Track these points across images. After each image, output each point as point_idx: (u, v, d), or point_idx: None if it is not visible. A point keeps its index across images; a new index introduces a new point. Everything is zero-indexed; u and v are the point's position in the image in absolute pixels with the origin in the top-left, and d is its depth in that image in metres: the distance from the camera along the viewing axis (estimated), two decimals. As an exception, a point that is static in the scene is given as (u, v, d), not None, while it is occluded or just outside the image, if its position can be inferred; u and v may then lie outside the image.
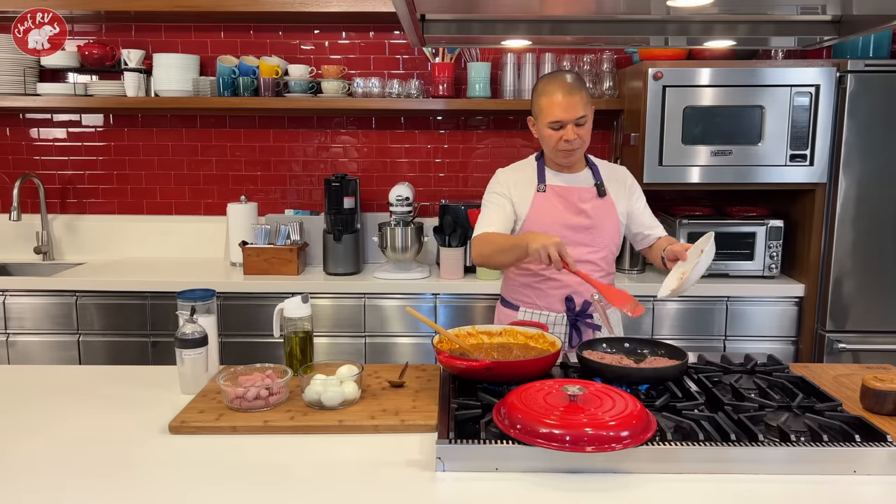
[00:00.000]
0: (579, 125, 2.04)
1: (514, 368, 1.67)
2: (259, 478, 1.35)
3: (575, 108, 2.01)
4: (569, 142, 2.04)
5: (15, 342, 3.05)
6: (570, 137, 2.03)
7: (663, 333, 3.02)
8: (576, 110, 2.02)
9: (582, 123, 2.05)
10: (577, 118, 2.03)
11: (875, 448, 1.35)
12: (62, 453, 1.45)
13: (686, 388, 1.65)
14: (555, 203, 2.14)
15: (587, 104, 2.05)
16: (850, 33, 1.77)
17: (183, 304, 1.81)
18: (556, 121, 2.03)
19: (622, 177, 2.22)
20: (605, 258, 2.17)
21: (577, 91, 2.03)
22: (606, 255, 2.17)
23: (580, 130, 2.05)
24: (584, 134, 2.06)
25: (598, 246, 2.14)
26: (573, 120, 2.02)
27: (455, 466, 1.35)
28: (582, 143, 2.07)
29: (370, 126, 3.52)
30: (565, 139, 2.04)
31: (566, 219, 2.12)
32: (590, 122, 2.08)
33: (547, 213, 2.14)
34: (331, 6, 3.11)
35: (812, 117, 2.89)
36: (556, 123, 2.04)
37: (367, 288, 3.03)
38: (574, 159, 2.12)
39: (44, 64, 3.34)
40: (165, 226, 3.56)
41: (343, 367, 1.71)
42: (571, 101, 2.01)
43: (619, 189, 2.18)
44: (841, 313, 2.95)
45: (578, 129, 2.04)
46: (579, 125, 2.04)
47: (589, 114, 2.07)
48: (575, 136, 2.03)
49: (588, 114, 2.06)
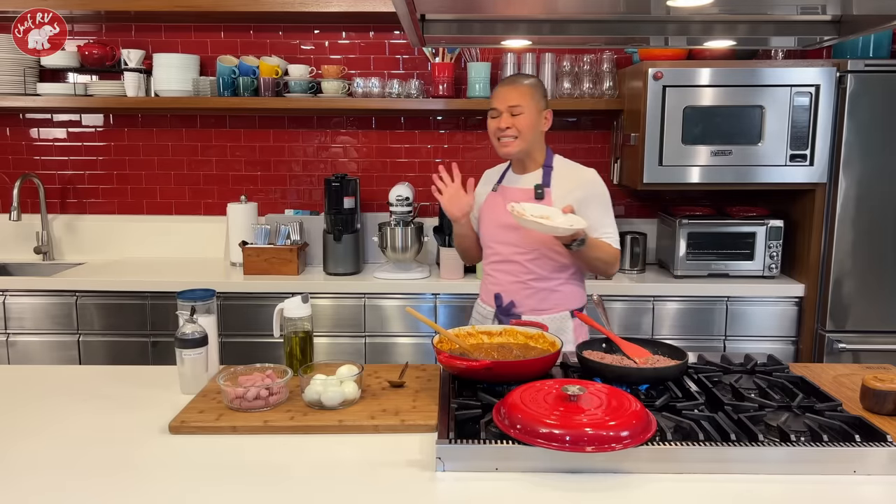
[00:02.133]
0: (515, 115, 2.09)
1: (514, 368, 1.67)
2: (259, 478, 1.35)
3: (510, 96, 2.09)
4: (501, 129, 2.10)
5: (15, 342, 3.05)
6: (501, 125, 2.10)
7: (663, 333, 3.02)
8: (510, 98, 2.09)
9: (517, 113, 2.09)
10: (511, 106, 2.08)
11: (875, 448, 1.35)
12: (62, 453, 1.45)
13: (686, 388, 1.65)
14: (498, 203, 2.20)
15: (530, 98, 2.09)
16: (850, 33, 1.77)
17: (183, 304, 1.81)
18: (492, 108, 2.13)
19: (581, 184, 2.15)
20: (534, 261, 2.14)
21: (518, 83, 2.11)
22: (538, 258, 2.14)
23: (515, 120, 2.09)
24: (519, 123, 2.09)
25: (526, 248, 2.14)
26: (506, 108, 2.09)
27: (455, 466, 1.35)
28: (518, 133, 2.10)
29: (370, 126, 3.52)
30: (498, 126, 2.11)
31: (500, 218, 2.17)
32: (530, 116, 2.10)
33: (489, 212, 2.23)
34: (331, 6, 3.11)
35: (812, 117, 2.89)
36: (494, 111, 2.12)
37: (367, 288, 3.03)
38: (511, 152, 2.14)
39: (44, 64, 3.34)
40: (165, 226, 3.56)
41: (343, 367, 1.71)
42: (509, 90, 2.10)
43: (570, 194, 2.11)
44: (841, 313, 2.95)
45: (513, 118, 2.09)
46: (515, 115, 2.09)
47: (528, 107, 2.09)
48: (507, 124, 2.09)
49: (526, 106, 2.09)
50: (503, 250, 2.18)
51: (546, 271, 2.15)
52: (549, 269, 2.15)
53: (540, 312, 2.16)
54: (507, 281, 2.18)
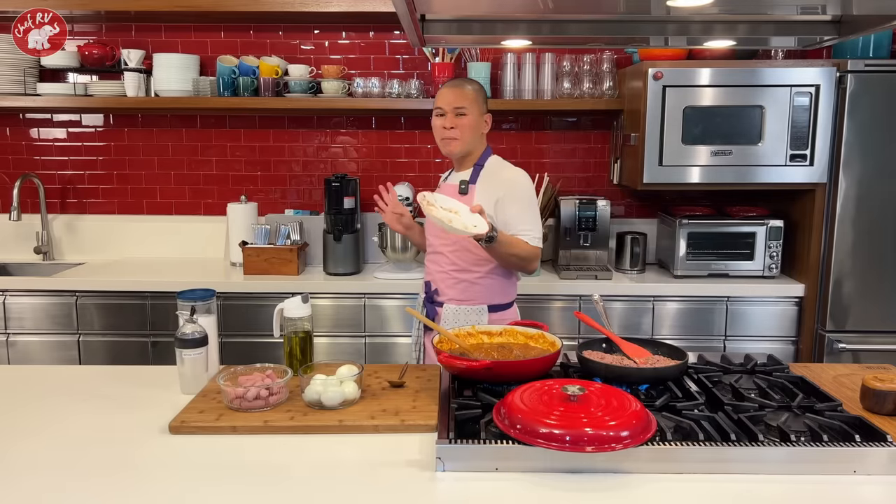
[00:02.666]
0: (458, 115, 2.21)
1: (514, 368, 1.67)
2: (259, 478, 1.35)
3: (454, 98, 2.22)
4: (446, 129, 2.23)
5: (15, 342, 3.05)
6: (445, 125, 2.23)
7: (663, 333, 3.02)
8: (455, 100, 2.21)
9: (461, 114, 2.22)
10: (456, 108, 2.21)
11: (875, 448, 1.35)
12: (62, 453, 1.45)
13: (686, 388, 1.65)
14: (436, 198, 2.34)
15: (473, 102, 2.23)
16: (850, 33, 1.77)
17: (183, 304, 1.81)
18: (437, 107, 2.25)
19: (502, 183, 2.25)
20: (456, 252, 2.27)
21: (464, 87, 2.24)
22: (459, 251, 2.26)
23: (458, 121, 2.22)
24: (462, 124, 2.22)
25: (449, 240, 2.27)
26: (452, 109, 2.22)
27: (455, 466, 1.35)
28: (460, 134, 2.22)
29: (370, 126, 3.52)
30: (443, 126, 2.24)
31: None
32: (472, 118, 2.23)
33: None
34: (331, 6, 3.11)
35: (812, 117, 2.89)
36: (439, 110, 2.25)
37: (367, 288, 3.03)
38: (453, 150, 2.26)
39: (44, 64, 3.34)
40: (165, 226, 3.56)
41: (343, 367, 1.71)
42: (454, 92, 2.23)
43: (492, 192, 2.22)
44: (841, 313, 2.95)
45: (457, 119, 2.22)
46: (458, 115, 2.21)
47: (472, 110, 2.22)
48: (451, 124, 2.22)
49: (469, 108, 2.21)
50: (434, 242, 2.33)
51: (467, 263, 2.27)
52: (469, 261, 2.26)
53: (460, 302, 2.29)
54: (435, 270, 2.33)
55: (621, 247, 3.26)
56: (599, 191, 3.51)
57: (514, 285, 2.38)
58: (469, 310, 2.28)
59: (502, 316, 2.30)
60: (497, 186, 2.24)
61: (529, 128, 3.50)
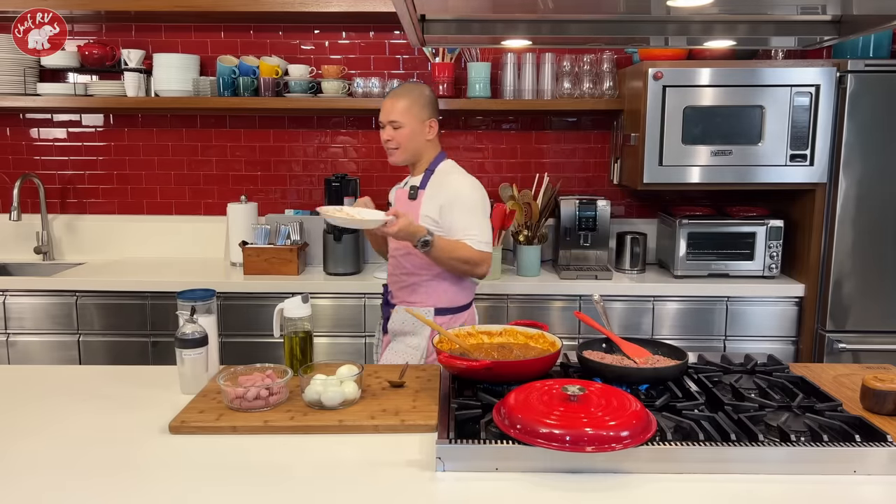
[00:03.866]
0: (394, 128, 2.27)
1: (514, 368, 1.67)
2: (259, 478, 1.35)
3: (388, 112, 2.27)
4: (385, 141, 2.30)
5: (15, 342, 3.06)
6: (383, 137, 2.30)
7: (663, 333, 3.02)
8: (388, 114, 2.27)
9: (396, 127, 2.27)
10: (390, 121, 2.27)
11: (875, 448, 1.35)
12: (62, 453, 1.45)
13: (686, 388, 1.65)
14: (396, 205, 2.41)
15: (407, 113, 2.26)
16: (850, 33, 1.77)
17: (183, 304, 1.80)
18: (380, 120, 2.31)
19: (446, 189, 2.27)
20: (404, 256, 2.32)
21: (398, 98, 2.28)
22: (406, 255, 2.31)
23: (395, 133, 2.27)
24: (398, 136, 2.27)
25: (398, 245, 2.32)
26: (387, 122, 2.28)
27: (455, 466, 1.35)
28: (398, 144, 2.28)
29: (370, 126, 3.52)
30: (383, 138, 2.31)
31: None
32: (409, 129, 2.27)
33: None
34: (331, 6, 3.11)
35: (812, 117, 2.89)
36: (381, 123, 2.31)
37: (367, 288, 3.03)
38: (395, 160, 2.33)
39: (44, 64, 3.34)
40: (165, 226, 3.56)
41: (343, 367, 1.71)
42: (386, 105, 2.29)
43: (438, 198, 2.27)
44: (841, 313, 2.95)
45: (394, 131, 2.27)
46: (394, 128, 2.27)
47: (406, 122, 2.26)
48: (388, 137, 2.28)
49: (403, 121, 2.26)
50: (392, 246, 2.39)
51: (413, 267, 2.31)
52: (414, 265, 2.31)
53: (408, 304, 2.33)
54: (391, 273, 2.41)
55: (621, 247, 3.26)
56: (599, 191, 3.51)
57: (468, 289, 2.38)
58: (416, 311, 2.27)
59: (454, 319, 2.33)
60: (442, 192, 2.27)
61: (529, 128, 3.51)
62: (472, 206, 2.26)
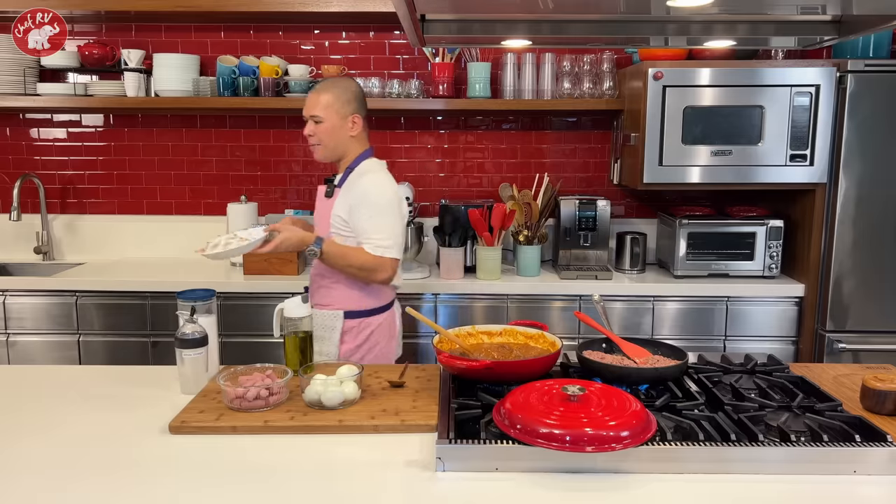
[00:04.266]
0: (315, 122, 2.26)
1: (514, 368, 1.67)
2: (259, 478, 1.35)
3: (310, 106, 2.26)
4: (307, 136, 2.29)
5: (15, 342, 3.05)
6: (305, 132, 2.29)
7: (663, 333, 3.02)
8: (310, 108, 2.26)
9: (317, 122, 2.26)
10: (311, 115, 2.26)
11: (875, 448, 1.35)
12: (62, 453, 1.46)
13: (686, 388, 1.65)
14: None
15: (326, 108, 2.24)
16: (850, 33, 1.77)
17: (183, 304, 1.81)
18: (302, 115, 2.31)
19: (358, 189, 2.25)
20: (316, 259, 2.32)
21: (321, 92, 2.26)
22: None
23: (316, 128, 2.27)
24: (318, 131, 2.26)
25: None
26: (309, 116, 2.27)
27: (455, 466, 1.35)
28: (318, 140, 2.28)
29: (370, 126, 3.51)
30: (304, 133, 2.30)
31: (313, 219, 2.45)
32: (330, 124, 2.25)
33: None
34: (331, 6, 3.11)
35: (812, 117, 2.89)
36: (304, 117, 2.30)
37: (367, 288, 3.02)
38: (317, 156, 2.32)
39: (44, 64, 3.34)
40: (165, 226, 3.56)
41: (343, 368, 1.71)
42: (309, 100, 2.27)
43: (349, 198, 2.25)
44: (841, 313, 2.95)
45: (315, 126, 2.27)
46: (315, 122, 2.26)
47: (328, 117, 2.25)
48: (310, 132, 2.28)
49: (323, 115, 2.24)
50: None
51: (322, 270, 2.33)
52: (322, 269, 2.32)
53: (322, 307, 2.33)
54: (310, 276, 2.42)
55: (621, 247, 3.26)
56: (599, 191, 3.51)
57: (377, 293, 2.34)
58: (325, 314, 2.32)
59: (366, 322, 2.32)
60: (352, 192, 2.25)
61: (529, 128, 3.51)
62: (379, 208, 2.21)
